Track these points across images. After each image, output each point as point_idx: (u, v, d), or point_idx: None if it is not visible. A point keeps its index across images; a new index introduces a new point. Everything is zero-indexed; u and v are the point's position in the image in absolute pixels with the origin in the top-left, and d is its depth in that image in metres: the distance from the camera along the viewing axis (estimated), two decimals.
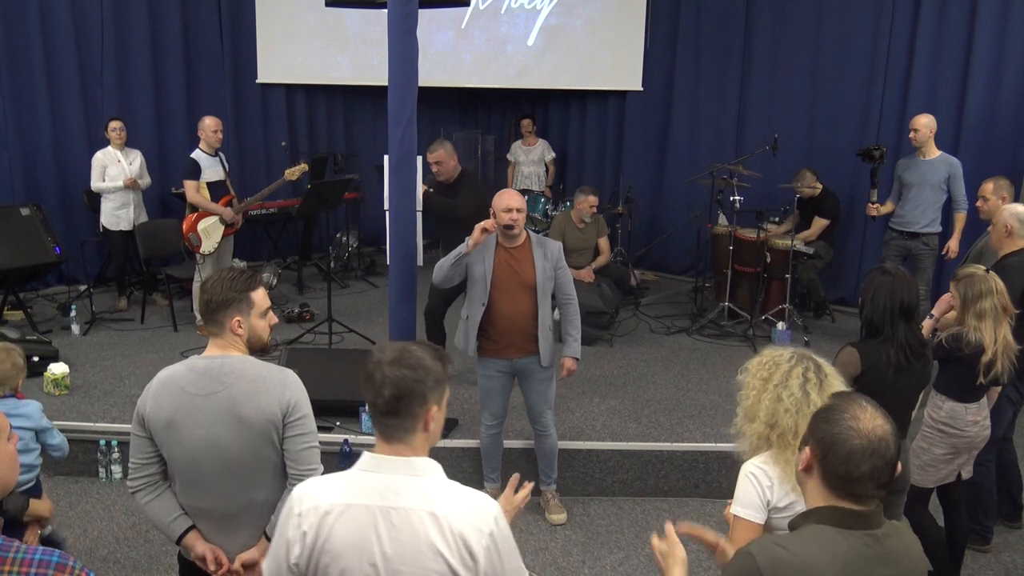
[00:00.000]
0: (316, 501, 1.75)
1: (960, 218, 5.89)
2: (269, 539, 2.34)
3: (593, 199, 6.46)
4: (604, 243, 6.70)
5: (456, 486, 1.77)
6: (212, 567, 2.37)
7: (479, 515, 1.72)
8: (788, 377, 2.24)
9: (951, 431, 3.52)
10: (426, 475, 1.75)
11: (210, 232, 6.22)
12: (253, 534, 2.38)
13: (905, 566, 1.68)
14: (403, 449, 1.76)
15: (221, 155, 6.39)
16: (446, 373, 1.81)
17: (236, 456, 2.29)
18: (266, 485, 2.35)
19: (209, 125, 6.27)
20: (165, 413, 2.30)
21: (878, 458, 1.62)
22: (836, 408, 1.69)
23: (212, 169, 6.27)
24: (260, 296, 2.42)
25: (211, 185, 6.25)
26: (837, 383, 2.27)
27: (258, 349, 2.45)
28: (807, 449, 1.70)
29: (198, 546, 2.38)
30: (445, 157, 5.19)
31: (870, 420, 1.64)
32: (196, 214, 6.20)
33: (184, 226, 6.23)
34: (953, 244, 5.92)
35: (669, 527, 1.96)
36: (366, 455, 1.79)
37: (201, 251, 6.19)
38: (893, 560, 1.65)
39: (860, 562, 1.62)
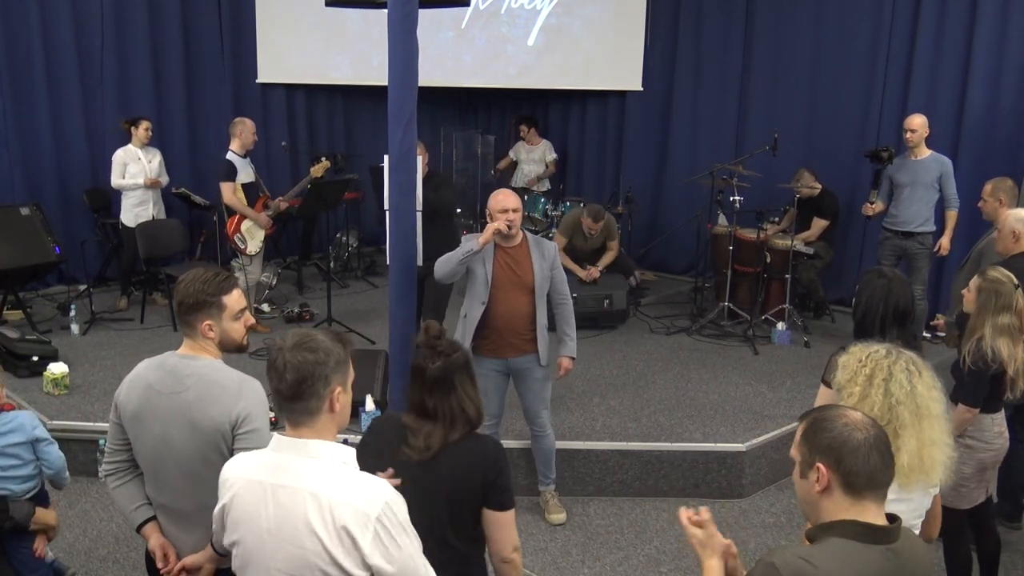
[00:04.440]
0: (228, 474, 1.90)
1: (951, 216, 5.93)
2: (215, 548, 2.33)
3: (590, 223, 6.47)
4: (612, 244, 6.73)
5: (351, 471, 1.80)
6: (160, 563, 2.39)
7: (365, 499, 1.73)
8: (893, 371, 2.23)
9: (978, 444, 3.39)
10: (319, 457, 1.79)
11: (253, 232, 6.29)
12: (205, 536, 2.36)
13: None
14: (306, 432, 1.82)
15: (249, 156, 6.42)
16: (347, 355, 1.87)
17: (188, 459, 2.30)
18: (215, 491, 2.35)
19: (250, 127, 6.28)
20: (132, 406, 2.34)
21: (883, 444, 1.69)
22: (822, 418, 1.74)
23: (245, 171, 6.30)
24: (234, 299, 2.39)
25: (245, 187, 6.28)
26: (930, 375, 2.27)
27: (232, 350, 2.44)
28: (818, 467, 1.70)
29: (152, 538, 2.41)
30: (420, 150, 5.13)
31: (857, 416, 1.72)
32: (238, 215, 6.23)
33: (228, 228, 6.26)
34: (944, 241, 5.96)
35: (705, 512, 1.93)
36: (275, 435, 1.86)
37: (248, 252, 6.24)
38: (910, 572, 1.68)
39: None
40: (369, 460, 2.28)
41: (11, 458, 3.05)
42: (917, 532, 2.40)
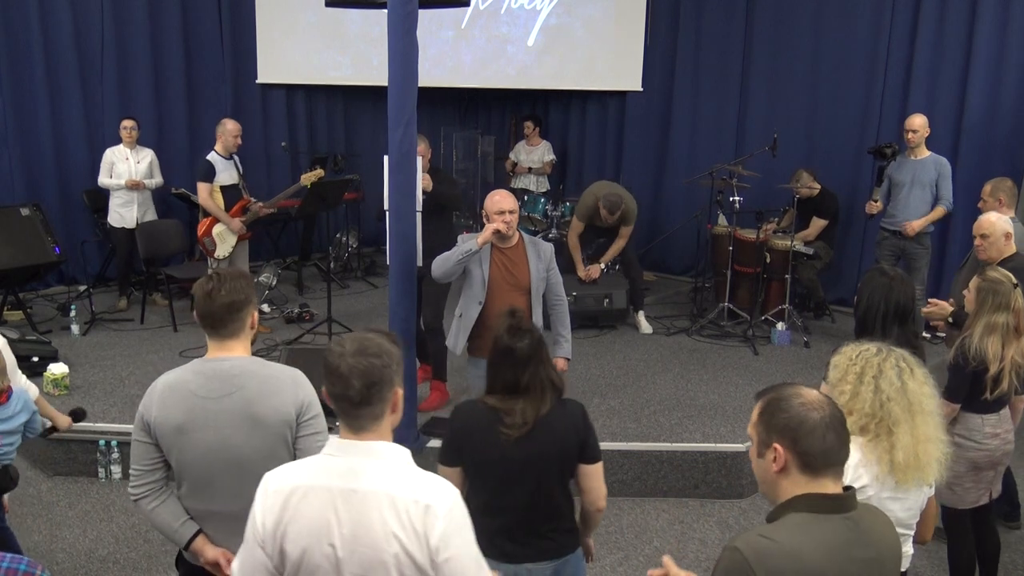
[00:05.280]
0: (281, 483, 1.80)
1: (938, 211, 5.92)
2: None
3: (606, 214, 6.45)
4: (624, 230, 6.60)
5: (417, 471, 1.81)
6: (227, 570, 2.34)
7: (436, 497, 1.75)
8: (883, 369, 2.25)
9: (968, 444, 3.36)
10: (386, 458, 1.79)
11: (224, 237, 6.19)
12: None
13: (883, 546, 1.73)
14: (370, 436, 1.81)
15: (235, 158, 6.37)
16: (401, 354, 1.88)
17: (249, 457, 2.28)
18: None
19: (231, 129, 6.22)
20: (175, 418, 2.28)
21: (838, 423, 1.69)
22: (779, 398, 1.73)
23: (227, 173, 6.23)
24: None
25: (225, 189, 6.21)
26: (922, 372, 2.28)
27: (253, 340, 2.49)
28: (776, 448, 1.71)
29: (208, 550, 2.36)
30: (424, 150, 5.06)
31: (812, 395, 1.72)
32: (211, 217, 6.19)
33: (199, 229, 6.22)
34: (916, 223, 5.94)
35: (667, 561, 1.89)
36: (332, 440, 1.84)
37: (216, 256, 6.17)
38: (871, 541, 1.70)
39: (842, 545, 1.66)
40: (464, 447, 2.51)
41: (18, 434, 3.14)
42: (913, 532, 2.40)
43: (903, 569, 2.41)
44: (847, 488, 1.74)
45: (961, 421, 3.39)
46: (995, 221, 4.11)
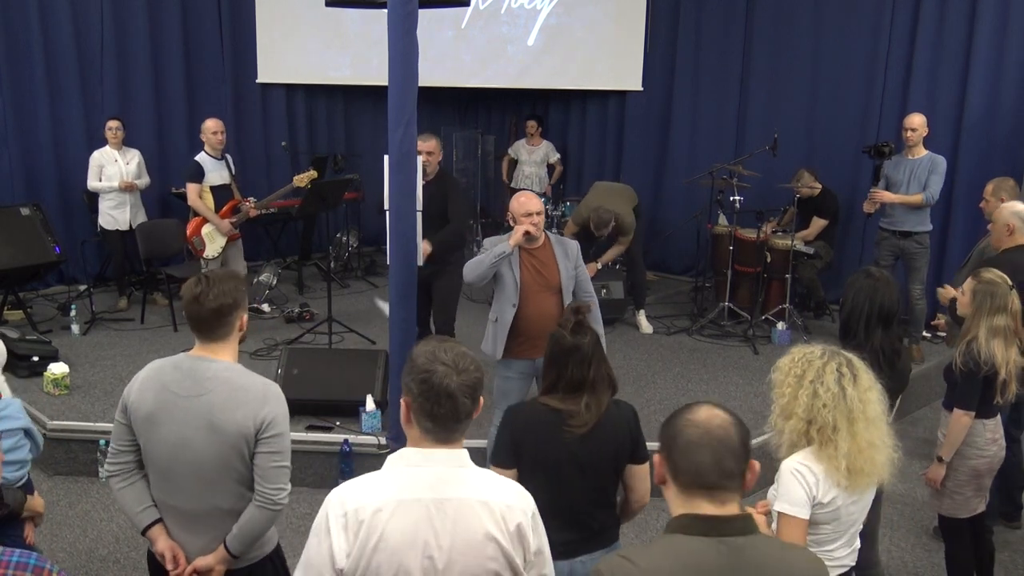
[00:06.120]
0: (362, 501, 1.74)
1: (916, 197, 5.80)
2: (228, 550, 2.36)
3: (593, 230, 6.42)
4: (622, 239, 6.63)
5: (491, 473, 1.85)
6: (170, 565, 2.39)
7: (522, 499, 1.81)
8: (823, 373, 2.24)
9: (969, 451, 3.34)
10: (468, 465, 1.81)
11: (213, 237, 6.19)
12: (216, 538, 2.38)
13: None
14: (457, 444, 1.82)
15: (228, 157, 6.35)
16: None
17: (205, 461, 2.30)
18: (231, 494, 2.35)
19: (209, 127, 6.21)
20: (146, 407, 2.33)
21: (719, 444, 1.58)
22: (680, 410, 1.68)
23: (217, 173, 6.22)
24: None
25: (215, 189, 6.20)
26: (868, 377, 2.26)
27: (242, 340, 2.50)
28: (656, 456, 1.67)
29: (160, 541, 2.39)
30: (436, 148, 5.03)
31: (706, 413, 1.62)
32: (200, 217, 6.18)
33: (188, 229, 6.21)
34: (886, 195, 5.89)
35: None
36: (409, 451, 1.81)
37: (204, 255, 6.16)
38: (751, 571, 1.55)
39: (709, 571, 1.53)
40: (523, 448, 2.47)
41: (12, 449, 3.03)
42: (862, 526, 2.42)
43: (851, 564, 2.43)
44: (740, 513, 1.61)
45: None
46: (1002, 209, 4.16)
